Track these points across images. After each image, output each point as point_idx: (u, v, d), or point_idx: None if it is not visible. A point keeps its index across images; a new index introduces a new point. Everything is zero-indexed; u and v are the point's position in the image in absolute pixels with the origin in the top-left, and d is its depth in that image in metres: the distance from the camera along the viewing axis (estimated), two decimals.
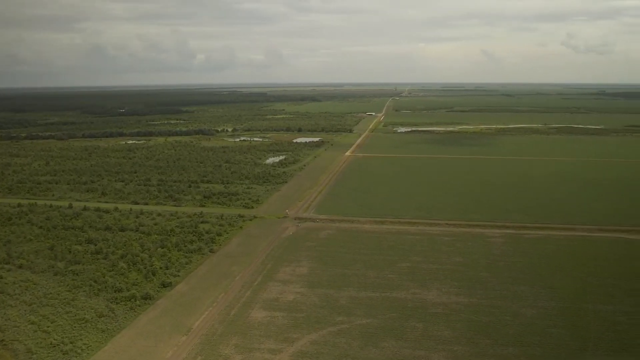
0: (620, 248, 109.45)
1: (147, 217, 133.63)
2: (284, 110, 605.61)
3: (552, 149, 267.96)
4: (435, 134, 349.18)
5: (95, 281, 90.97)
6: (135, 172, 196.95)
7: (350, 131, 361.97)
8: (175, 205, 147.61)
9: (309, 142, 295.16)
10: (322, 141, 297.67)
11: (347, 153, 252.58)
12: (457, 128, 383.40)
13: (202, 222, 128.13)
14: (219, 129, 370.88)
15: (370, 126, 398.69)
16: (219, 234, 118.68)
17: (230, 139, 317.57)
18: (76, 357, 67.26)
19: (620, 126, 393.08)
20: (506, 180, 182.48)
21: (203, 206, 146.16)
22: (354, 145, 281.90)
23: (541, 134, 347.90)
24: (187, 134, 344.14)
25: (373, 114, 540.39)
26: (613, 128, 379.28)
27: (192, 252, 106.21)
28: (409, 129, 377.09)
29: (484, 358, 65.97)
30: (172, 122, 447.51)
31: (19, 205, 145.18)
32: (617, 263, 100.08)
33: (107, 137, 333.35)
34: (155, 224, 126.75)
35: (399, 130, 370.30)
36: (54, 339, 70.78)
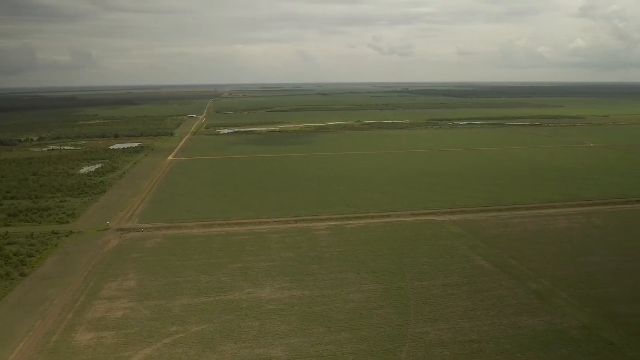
0: (430, 229, 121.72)
1: None
2: (97, 115, 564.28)
3: (366, 143, 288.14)
4: (257, 134, 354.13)
5: None
6: None
7: (171, 134, 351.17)
8: None
9: (128, 147, 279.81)
10: (142, 146, 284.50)
11: (170, 157, 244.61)
12: (278, 127, 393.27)
13: (8, 244, 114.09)
14: (22, 139, 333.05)
15: (192, 129, 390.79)
16: (30, 255, 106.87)
17: (37, 149, 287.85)
18: None
19: (422, 120, 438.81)
20: (327, 174, 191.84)
21: (8, 225, 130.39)
22: (176, 149, 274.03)
23: (356, 129, 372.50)
24: None
25: (194, 116, 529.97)
26: (417, 122, 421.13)
27: None
28: (232, 130, 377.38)
29: (319, 346, 68.74)
30: None
31: None
32: (427, 242, 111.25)
33: None
34: None
35: (221, 132, 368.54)
36: None
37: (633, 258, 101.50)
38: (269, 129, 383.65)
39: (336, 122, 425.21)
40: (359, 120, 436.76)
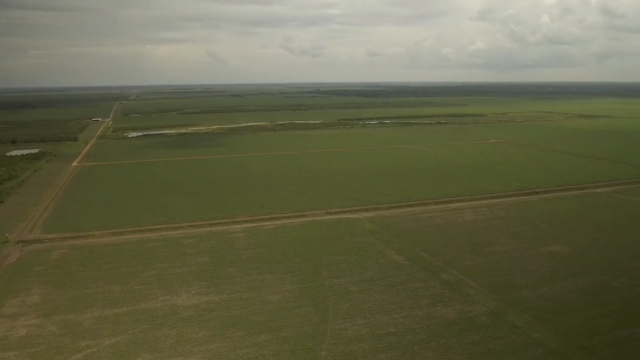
0: (345, 227, 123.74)
1: None
2: None
3: (280, 144, 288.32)
4: (168, 136, 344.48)
5: None
6: None
7: (76, 139, 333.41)
8: None
9: (27, 154, 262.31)
10: (43, 152, 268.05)
11: (74, 163, 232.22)
12: (190, 130, 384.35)
13: None
14: None
15: (98, 133, 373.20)
16: None
17: None
18: None
19: (334, 120, 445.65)
20: (242, 176, 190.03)
21: None
22: (81, 155, 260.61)
23: (269, 130, 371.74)
24: None
25: (100, 119, 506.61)
26: (329, 122, 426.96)
27: None
28: (141, 133, 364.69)
29: (240, 350, 67.95)
30: None
31: None
32: (343, 240, 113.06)
33: None
34: None
35: (130, 136, 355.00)
36: None
37: (532, 245, 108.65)
38: (181, 131, 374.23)
39: (249, 124, 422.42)
40: (272, 121, 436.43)
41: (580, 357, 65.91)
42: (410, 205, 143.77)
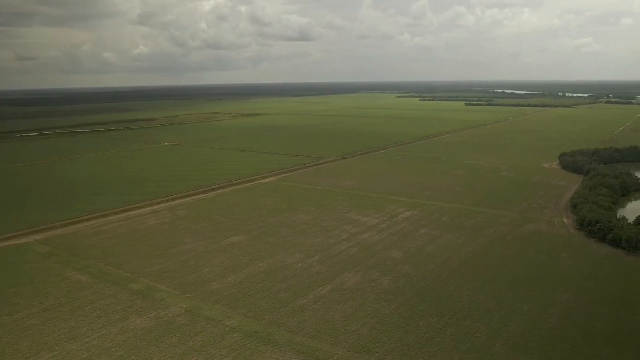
0: (13, 255, 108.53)
1: None
2: None
3: None
4: None
5: None
6: None
7: None
8: None
9: None
10: None
11: None
12: None
13: None
14: None
15: None
16: None
17: None
18: None
19: None
20: None
21: None
22: None
23: None
24: None
25: None
26: None
27: None
28: None
29: None
30: None
31: None
32: (13, 270, 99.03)
33: None
34: None
35: None
36: None
37: (215, 240, 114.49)
38: None
39: None
40: None
41: (271, 331, 72.71)
42: (87, 220, 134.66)
